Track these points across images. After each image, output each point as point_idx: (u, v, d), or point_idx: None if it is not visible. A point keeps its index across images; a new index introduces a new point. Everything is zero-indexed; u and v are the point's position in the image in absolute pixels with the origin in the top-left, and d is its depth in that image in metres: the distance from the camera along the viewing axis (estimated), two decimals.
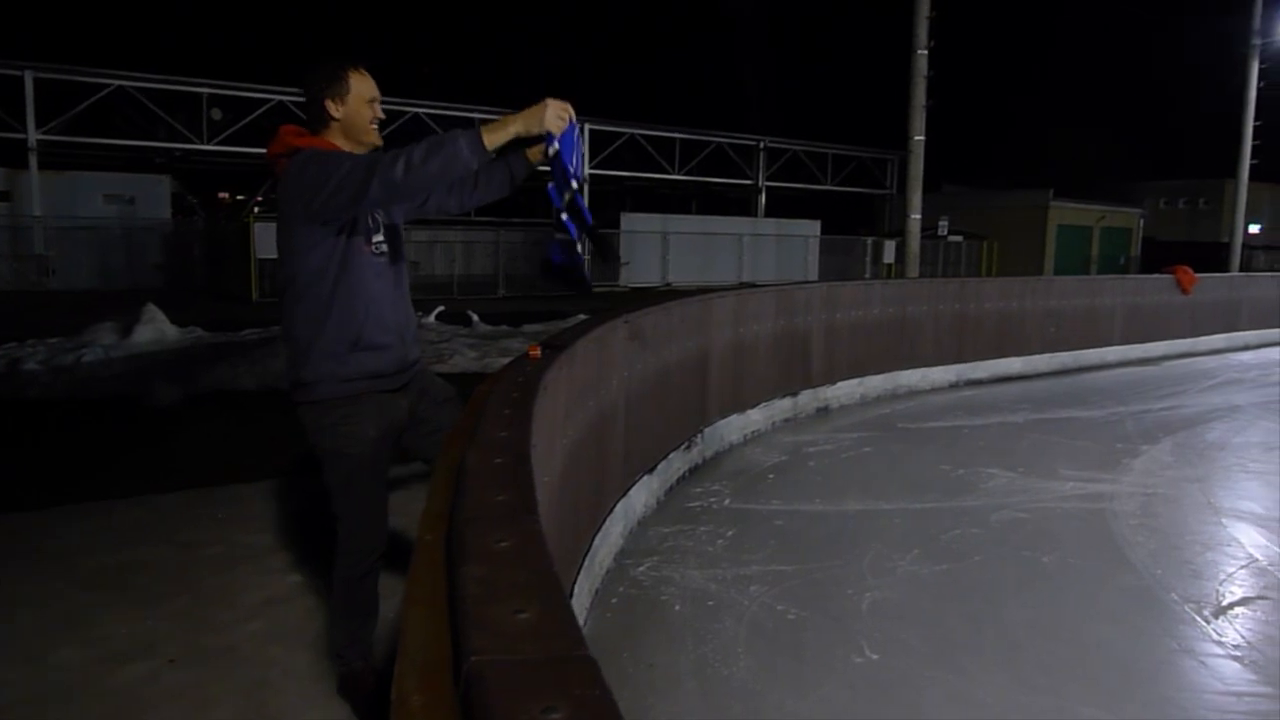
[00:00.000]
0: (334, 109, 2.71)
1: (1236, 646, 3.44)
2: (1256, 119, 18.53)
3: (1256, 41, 17.83)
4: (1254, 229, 37.10)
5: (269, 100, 24.06)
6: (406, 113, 25.34)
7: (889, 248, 26.19)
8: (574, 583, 3.36)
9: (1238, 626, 3.61)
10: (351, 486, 2.80)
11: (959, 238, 33.60)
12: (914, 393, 8.47)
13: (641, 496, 4.68)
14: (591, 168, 28.41)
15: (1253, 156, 18.71)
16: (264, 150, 2.86)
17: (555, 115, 2.51)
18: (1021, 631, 3.54)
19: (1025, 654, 3.35)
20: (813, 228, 30.85)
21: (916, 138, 12.55)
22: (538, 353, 2.71)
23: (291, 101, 23.33)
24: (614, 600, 3.73)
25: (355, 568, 2.88)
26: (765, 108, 38.72)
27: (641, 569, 4.06)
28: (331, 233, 2.63)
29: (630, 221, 26.65)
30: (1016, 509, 5.03)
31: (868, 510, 4.97)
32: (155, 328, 11.29)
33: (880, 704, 3.00)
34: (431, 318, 13.97)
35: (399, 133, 21.84)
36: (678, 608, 3.68)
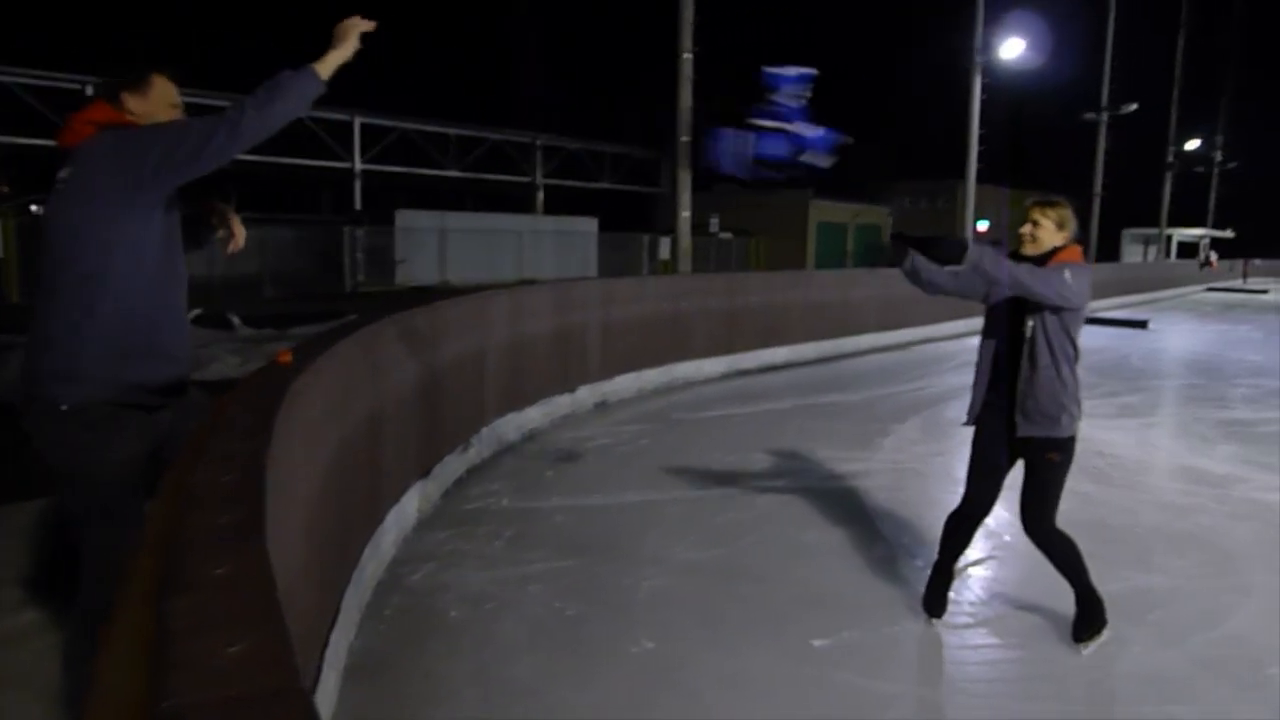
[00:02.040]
0: (131, 102, 2.57)
1: (972, 604, 3.79)
2: (981, 127, 20.48)
3: (979, 58, 19.72)
4: (982, 226, 41.11)
5: None
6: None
7: (664, 244, 26.93)
8: (341, 597, 3.21)
9: (972, 586, 3.98)
10: (105, 509, 2.50)
11: (729, 234, 35.09)
12: (689, 384, 8.75)
13: (416, 501, 4.54)
14: (364, 163, 27.35)
15: (979, 161, 20.69)
16: None
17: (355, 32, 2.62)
18: (788, 606, 3.74)
19: (791, 628, 3.53)
20: (591, 225, 31.22)
21: (684, 139, 12.97)
22: (289, 359, 2.54)
23: (16, 84, 20.84)
24: (387, 612, 3.60)
25: (104, 599, 2.59)
26: (543, 106, 38.67)
27: (417, 576, 3.94)
28: (139, 223, 2.42)
29: (406, 219, 25.82)
30: (783, 491, 5.31)
31: (646, 501, 5.08)
32: None
33: (657, 690, 3.07)
34: None
35: None
36: (455, 613, 3.60)
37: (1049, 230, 3.24)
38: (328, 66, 2.55)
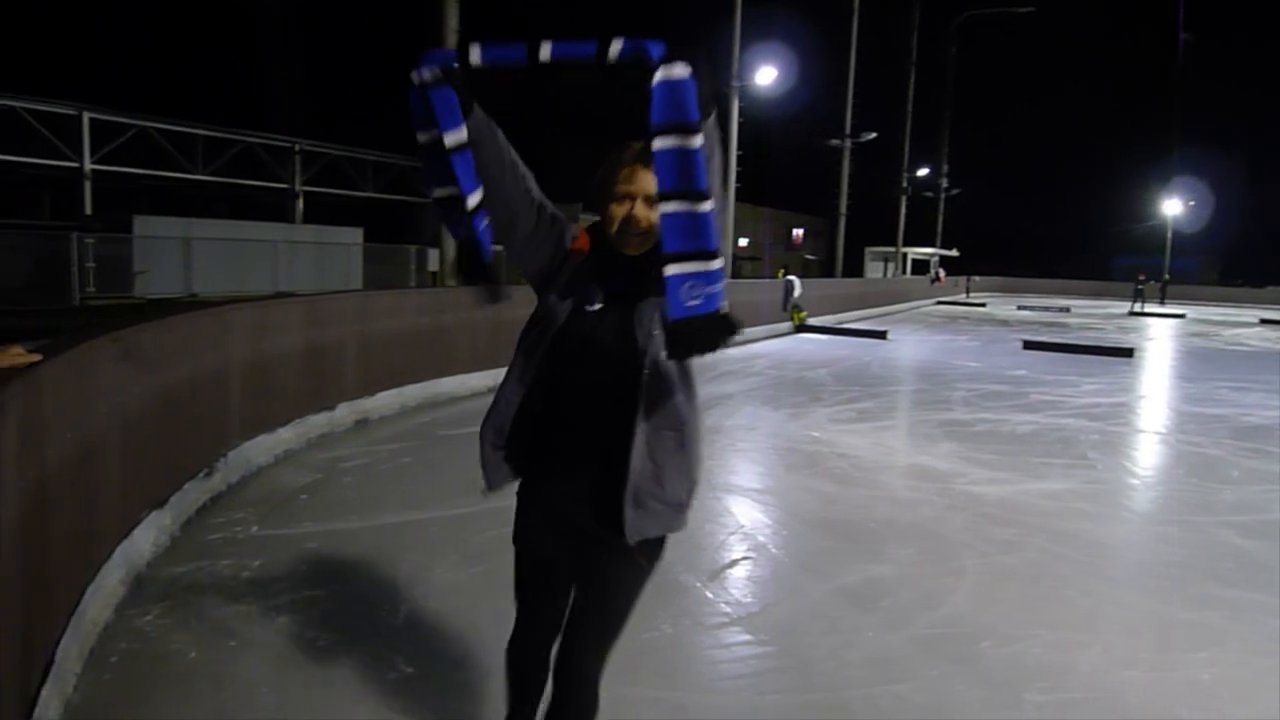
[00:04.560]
0: None
1: (727, 604, 3.96)
2: (740, 149, 21.64)
3: (735, 83, 20.84)
4: (743, 242, 43.48)
5: None
6: None
7: (433, 256, 26.36)
8: (56, 647, 2.89)
9: (727, 588, 4.16)
10: None
11: (500, 246, 34.84)
12: (454, 399, 8.60)
13: (149, 535, 4.17)
14: (94, 163, 24.74)
15: (737, 181, 21.87)
16: None
17: None
18: None
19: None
20: (355, 235, 29.96)
21: None
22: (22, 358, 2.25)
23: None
24: (113, 659, 3.27)
25: None
26: (297, 110, 36.73)
27: (149, 618, 3.61)
28: None
29: (145, 225, 23.67)
30: None
31: (405, 522, 4.94)
32: None
33: (414, 715, 2.98)
34: None
35: None
36: (192, 655, 3.33)
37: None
38: None
